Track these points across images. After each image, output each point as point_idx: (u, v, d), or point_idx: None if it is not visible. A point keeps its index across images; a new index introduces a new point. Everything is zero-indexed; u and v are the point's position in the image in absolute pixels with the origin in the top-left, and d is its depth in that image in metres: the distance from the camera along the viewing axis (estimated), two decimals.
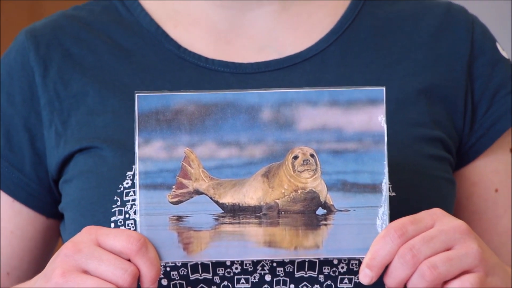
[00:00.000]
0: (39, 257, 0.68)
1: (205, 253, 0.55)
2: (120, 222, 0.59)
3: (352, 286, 0.59)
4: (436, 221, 0.52)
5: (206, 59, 0.65)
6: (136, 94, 0.54)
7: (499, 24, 6.43)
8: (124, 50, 0.66)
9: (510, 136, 0.67)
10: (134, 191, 0.58)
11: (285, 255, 0.56)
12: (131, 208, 0.59)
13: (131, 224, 0.59)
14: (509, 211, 0.68)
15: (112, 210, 0.60)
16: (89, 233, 0.53)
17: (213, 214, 0.55)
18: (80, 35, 0.66)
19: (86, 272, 0.51)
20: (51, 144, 0.64)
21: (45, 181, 0.66)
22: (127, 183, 0.60)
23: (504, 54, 0.69)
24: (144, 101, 0.54)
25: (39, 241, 0.69)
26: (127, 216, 0.60)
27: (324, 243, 0.55)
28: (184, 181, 0.55)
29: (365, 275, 0.51)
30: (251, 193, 0.55)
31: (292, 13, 0.67)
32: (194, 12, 0.67)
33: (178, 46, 0.66)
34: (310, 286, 0.59)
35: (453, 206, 0.64)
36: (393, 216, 0.54)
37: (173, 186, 0.55)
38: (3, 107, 0.66)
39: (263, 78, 0.63)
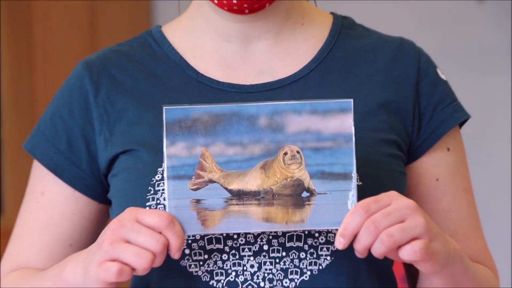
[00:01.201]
0: (93, 233, 0.83)
1: (218, 228, 0.69)
2: (153, 206, 0.74)
3: (329, 253, 0.74)
4: (392, 200, 0.66)
5: (218, 82, 0.80)
6: (164, 108, 0.68)
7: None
8: (156, 76, 0.82)
9: (447, 139, 0.83)
10: (163, 183, 0.72)
11: (279, 228, 0.70)
12: (161, 196, 0.74)
13: (161, 207, 0.74)
14: (447, 195, 0.83)
15: (147, 197, 0.75)
16: (130, 213, 0.67)
17: (223, 198, 0.69)
18: (123, 65, 0.83)
19: (128, 242, 0.65)
20: (101, 147, 0.81)
21: (98, 175, 0.82)
22: (158, 177, 0.75)
23: (443, 77, 0.85)
24: (170, 112, 0.68)
25: (93, 221, 0.85)
26: (158, 202, 0.75)
27: (308, 219, 0.69)
28: (201, 173, 0.69)
29: (339, 243, 0.65)
30: (252, 181, 0.69)
31: (282, 47, 0.83)
32: (208, 46, 0.83)
33: (197, 72, 0.82)
34: (297, 253, 0.74)
35: (404, 192, 0.78)
36: (359, 198, 0.68)
37: (193, 177, 0.68)
38: (66, 119, 0.82)
39: (261, 96, 0.79)
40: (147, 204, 0.76)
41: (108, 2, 3.43)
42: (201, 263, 0.75)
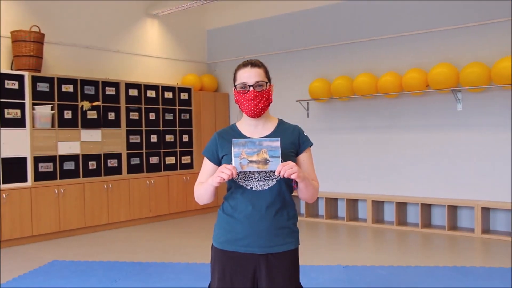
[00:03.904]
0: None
1: (246, 169, 2.14)
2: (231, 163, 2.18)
3: (275, 180, 2.24)
4: (290, 163, 2.11)
5: (249, 136, 2.30)
6: (233, 140, 2.15)
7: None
8: (231, 136, 2.29)
9: (306, 150, 2.34)
10: (232, 161, 2.14)
11: (262, 170, 2.14)
12: (233, 163, 2.14)
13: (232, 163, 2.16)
14: (305, 164, 2.32)
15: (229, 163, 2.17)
16: (223, 166, 2.13)
17: (248, 162, 2.13)
18: (224, 134, 2.35)
19: (223, 172, 2.10)
20: (219, 153, 2.32)
21: (217, 160, 2.32)
22: (231, 161, 2.16)
23: (306, 134, 2.39)
24: (235, 141, 2.14)
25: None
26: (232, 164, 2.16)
27: (269, 167, 2.11)
28: (242, 157, 2.16)
29: (277, 173, 2.09)
30: (255, 158, 2.16)
31: (264, 127, 2.35)
32: (244, 127, 2.37)
33: (241, 132, 2.34)
34: (267, 179, 2.24)
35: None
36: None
37: (239, 158, 2.15)
38: (212, 146, 2.34)
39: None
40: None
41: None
42: (241, 180, 2.24)
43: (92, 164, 7.08)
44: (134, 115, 7.63)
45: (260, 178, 2.21)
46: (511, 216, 6.14)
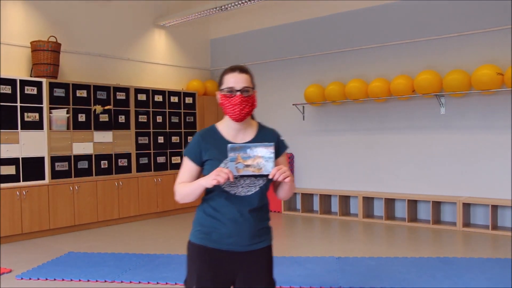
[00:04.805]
0: (198, 175, 2.19)
1: (241, 173, 2.01)
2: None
3: (258, 186, 2.15)
4: (283, 167, 2.02)
5: (230, 141, 2.17)
6: (228, 145, 2.02)
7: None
8: (214, 140, 2.17)
9: (283, 154, 2.28)
10: (225, 164, 2.09)
11: (254, 174, 2.03)
12: (229, 168, 2.01)
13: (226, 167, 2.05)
14: (284, 164, 2.25)
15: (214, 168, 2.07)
16: (219, 169, 1.99)
17: (243, 166, 2.02)
18: (207, 138, 2.19)
19: (219, 175, 1.97)
20: (202, 156, 2.17)
21: (200, 162, 2.18)
22: (217, 166, 2.08)
23: (284, 138, 2.33)
24: (231, 146, 2.01)
25: (197, 173, 2.19)
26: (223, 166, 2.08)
27: (264, 171, 2.01)
28: (237, 161, 2.04)
29: (271, 176, 2.00)
30: (250, 162, 2.08)
31: (245, 132, 2.23)
32: (226, 130, 2.21)
33: (224, 137, 2.19)
34: (253, 184, 2.14)
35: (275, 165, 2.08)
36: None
37: (235, 162, 2.01)
38: (196, 147, 2.18)
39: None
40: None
41: None
42: (227, 186, 2.10)
43: (104, 163, 7.13)
44: (142, 118, 7.68)
45: (245, 184, 2.12)
46: (489, 211, 6.19)
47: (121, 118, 7.37)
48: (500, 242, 5.70)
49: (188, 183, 2.12)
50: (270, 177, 2.00)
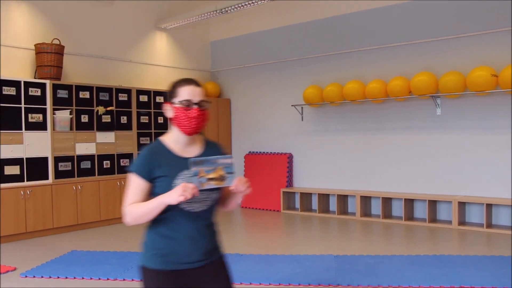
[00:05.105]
0: (147, 197, 1.97)
1: (205, 187, 1.89)
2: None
3: (218, 195, 2.04)
4: (243, 179, 1.94)
5: (180, 156, 2.01)
6: (190, 159, 1.87)
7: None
8: (164, 155, 1.99)
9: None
10: (179, 180, 1.96)
11: (220, 186, 1.93)
12: (193, 182, 1.87)
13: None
14: None
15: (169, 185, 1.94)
16: (184, 185, 1.82)
17: (206, 179, 1.88)
18: (157, 154, 1.99)
19: (185, 191, 1.81)
20: (153, 173, 1.96)
21: (150, 178, 1.96)
22: (172, 183, 1.94)
23: (223, 150, 2.16)
24: (192, 160, 1.86)
25: (148, 191, 1.98)
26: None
27: (226, 183, 1.90)
28: (200, 175, 1.88)
29: (235, 187, 1.93)
30: (212, 175, 1.90)
31: (191, 146, 2.06)
32: (174, 144, 2.04)
33: (172, 152, 2.01)
34: (208, 198, 2.00)
35: None
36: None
37: (198, 176, 1.88)
38: (146, 164, 1.96)
39: (186, 161, 1.95)
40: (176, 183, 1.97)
41: None
42: (183, 203, 1.93)
43: (106, 164, 7.13)
44: (144, 119, 7.67)
45: (199, 199, 1.96)
46: (484, 209, 6.19)
47: (123, 119, 7.36)
48: (494, 240, 5.70)
49: (143, 203, 1.92)
50: (231, 188, 1.92)
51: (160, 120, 7.87)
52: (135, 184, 1.94)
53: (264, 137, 8.64)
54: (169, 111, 2.03)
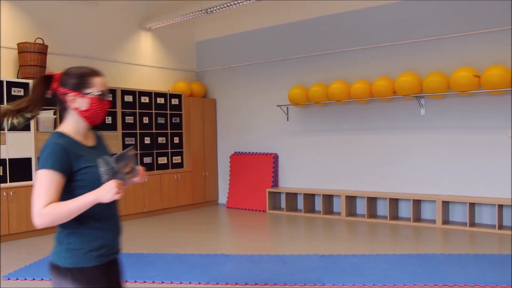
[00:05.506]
0: (60, 196, 1.79)
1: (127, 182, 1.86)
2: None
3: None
4: (142, 169, 1.95)
5: (86, 145, 1.92)
6: (114, 155, 1.84)
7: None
8: (76, 147, 1.86)
9: None
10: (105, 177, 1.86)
11: (131, 179, 1.89)
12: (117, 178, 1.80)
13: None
14: None
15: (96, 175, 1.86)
16: (115, 182, 1.72)
17: (125, 175, 1.85)
18: (70, 146, 1.84)
19: (120, 189, 1.72)
20: (74, 166, 1.81)
21: (69, 173, 1.80)
22: (99, 173, 1.87)
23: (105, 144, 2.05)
24: (114, 156, 1.85)
25: (63, 188, 1.80)
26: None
27: (134, 174, 1.90)
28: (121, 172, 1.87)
29: (141, 177, 1.95)
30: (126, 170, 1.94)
31: (88, 136, 1.96)
32: (77, 135, 1.91)
33: (80, 142, 1.89)
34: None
35: None
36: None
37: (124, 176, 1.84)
38: (64, 158, 1.78)
39: (94, 150, 1.93)
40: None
41: None
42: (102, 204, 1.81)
43: None
44: (129, 119, 7.62)
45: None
46: (467, 208, 6.26)
47: (108, 119, 7.30)
48: (477, 238, 5.77)
49: (65, 202, 1.75)
50: (136, 179, 1.90)
51: (145, 120, 7.82)
52: (51, 181, 1.75)
53: (249, 137, 8.64)
54: (77, 101, 1.89)
